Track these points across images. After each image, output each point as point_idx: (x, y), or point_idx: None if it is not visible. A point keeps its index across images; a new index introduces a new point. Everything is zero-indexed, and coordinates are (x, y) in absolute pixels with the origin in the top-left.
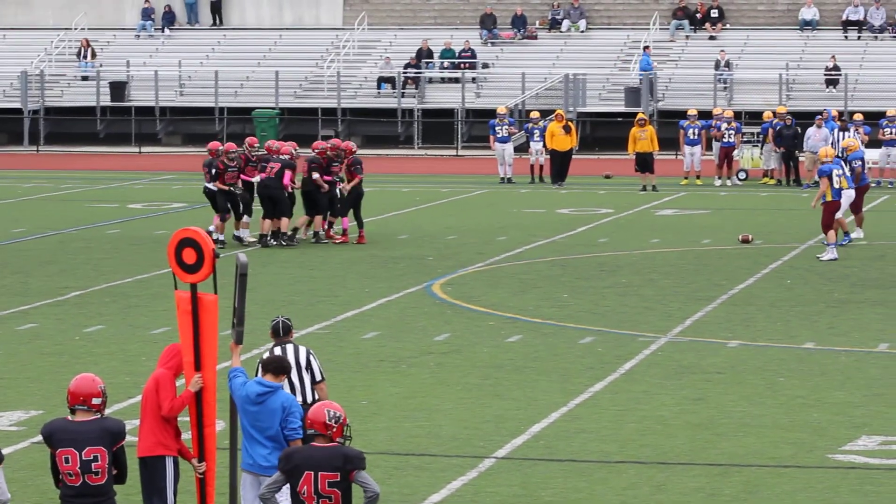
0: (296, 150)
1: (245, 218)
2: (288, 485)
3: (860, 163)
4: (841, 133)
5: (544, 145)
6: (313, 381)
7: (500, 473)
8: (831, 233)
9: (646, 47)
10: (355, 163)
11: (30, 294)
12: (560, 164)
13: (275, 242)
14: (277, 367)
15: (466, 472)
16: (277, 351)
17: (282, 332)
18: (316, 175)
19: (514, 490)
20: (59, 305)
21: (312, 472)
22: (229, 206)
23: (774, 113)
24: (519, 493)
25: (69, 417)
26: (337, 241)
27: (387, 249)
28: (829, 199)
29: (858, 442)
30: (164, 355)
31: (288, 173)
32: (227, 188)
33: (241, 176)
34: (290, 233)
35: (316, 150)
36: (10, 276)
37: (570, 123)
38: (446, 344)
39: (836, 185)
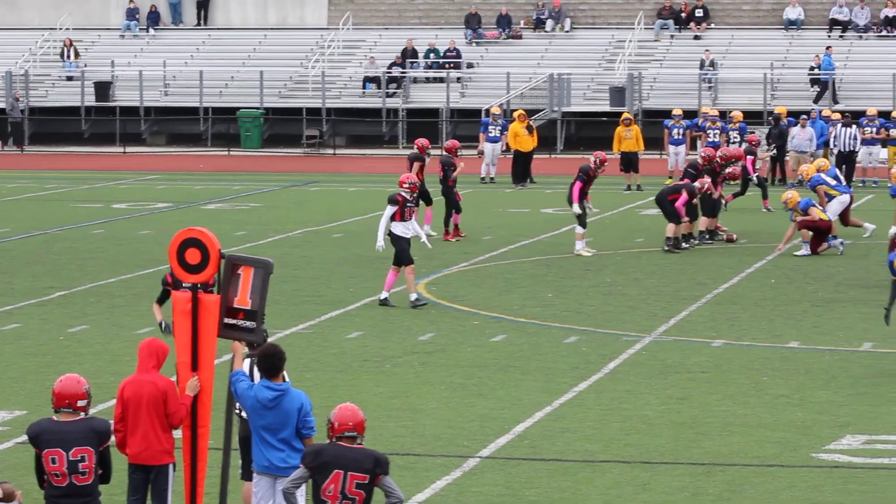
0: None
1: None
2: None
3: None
4: (844, 129)
5: (507, 145)
6: None
7: (485, 473)
8: (804, 231)
9: (828, 47)
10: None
11: (14, 294)
12: (522, 165)
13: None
14: (270, 367)
15: (450, 472)
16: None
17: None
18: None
19: (499, 490)
20: (44, 305)
21: (342, 472)
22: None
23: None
24: (503, 493)
25: (54, 417)
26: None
27: (371, 249)
28: (823, 218)
29: (842, 441)
30: (144, 355)
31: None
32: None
33: (747, 161)
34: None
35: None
36: None
37: (531, 123)
38: (430, 343)
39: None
